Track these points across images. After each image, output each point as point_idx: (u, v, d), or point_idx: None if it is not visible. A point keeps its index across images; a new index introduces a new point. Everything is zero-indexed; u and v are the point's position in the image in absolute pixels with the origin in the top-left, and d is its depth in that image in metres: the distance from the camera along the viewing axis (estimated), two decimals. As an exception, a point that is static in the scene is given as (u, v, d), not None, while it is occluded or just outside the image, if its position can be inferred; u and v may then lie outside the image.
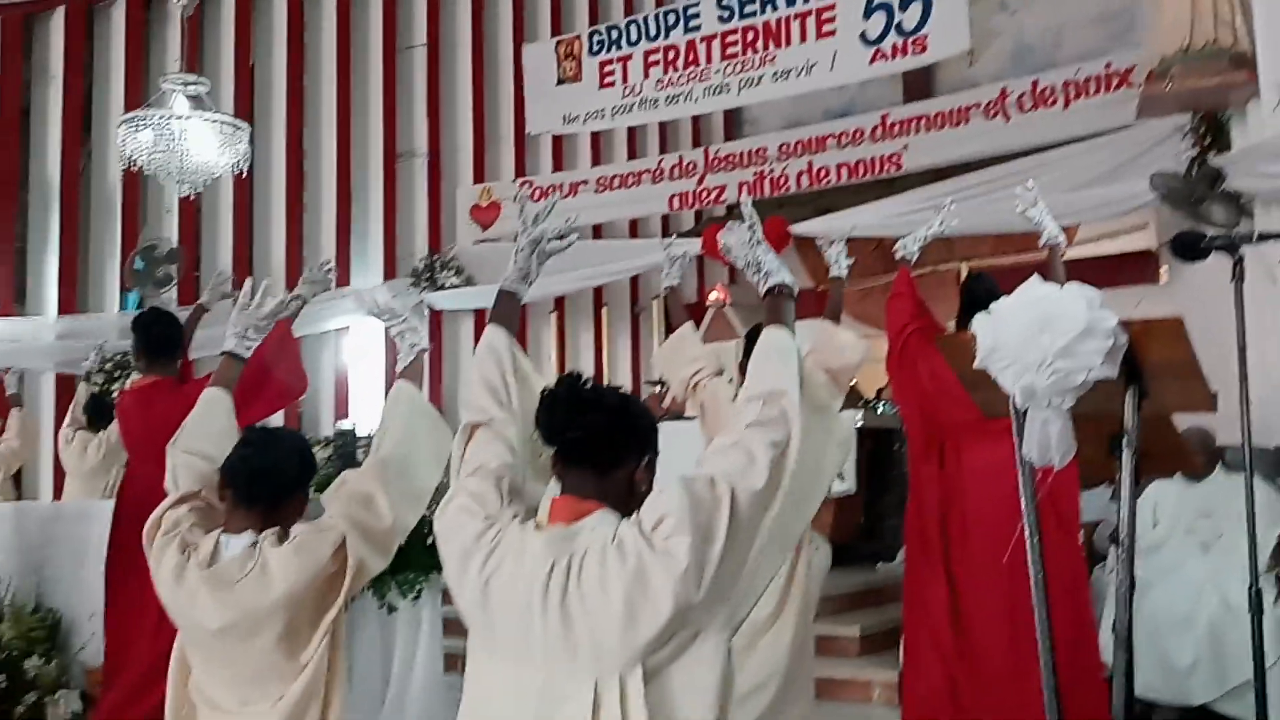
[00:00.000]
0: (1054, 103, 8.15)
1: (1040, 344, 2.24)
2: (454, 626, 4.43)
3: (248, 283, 3.54)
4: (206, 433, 3.16)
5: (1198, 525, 5.28)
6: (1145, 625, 4.74)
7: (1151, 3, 7.74)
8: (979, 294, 4.63)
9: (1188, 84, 6.34)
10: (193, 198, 7.02)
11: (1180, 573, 5.22)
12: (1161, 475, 5.17)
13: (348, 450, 4.98)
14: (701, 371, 4.27)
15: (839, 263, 4.70)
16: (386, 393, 3.28)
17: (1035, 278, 2.37)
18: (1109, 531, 5.47)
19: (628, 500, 2.11)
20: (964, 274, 8.65)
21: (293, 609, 2.77)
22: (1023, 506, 2.59)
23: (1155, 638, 5.01)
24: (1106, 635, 4.83)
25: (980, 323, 2.38)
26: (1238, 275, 2.42)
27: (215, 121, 6.30)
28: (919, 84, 10.97)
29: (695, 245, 9.74)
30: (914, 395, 4.85)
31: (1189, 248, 2.55)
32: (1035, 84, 8.30)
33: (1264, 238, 2.50)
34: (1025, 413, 2.44)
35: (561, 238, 2.59)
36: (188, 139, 6.06)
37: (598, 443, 2.12)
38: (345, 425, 5.35)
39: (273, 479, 2.89)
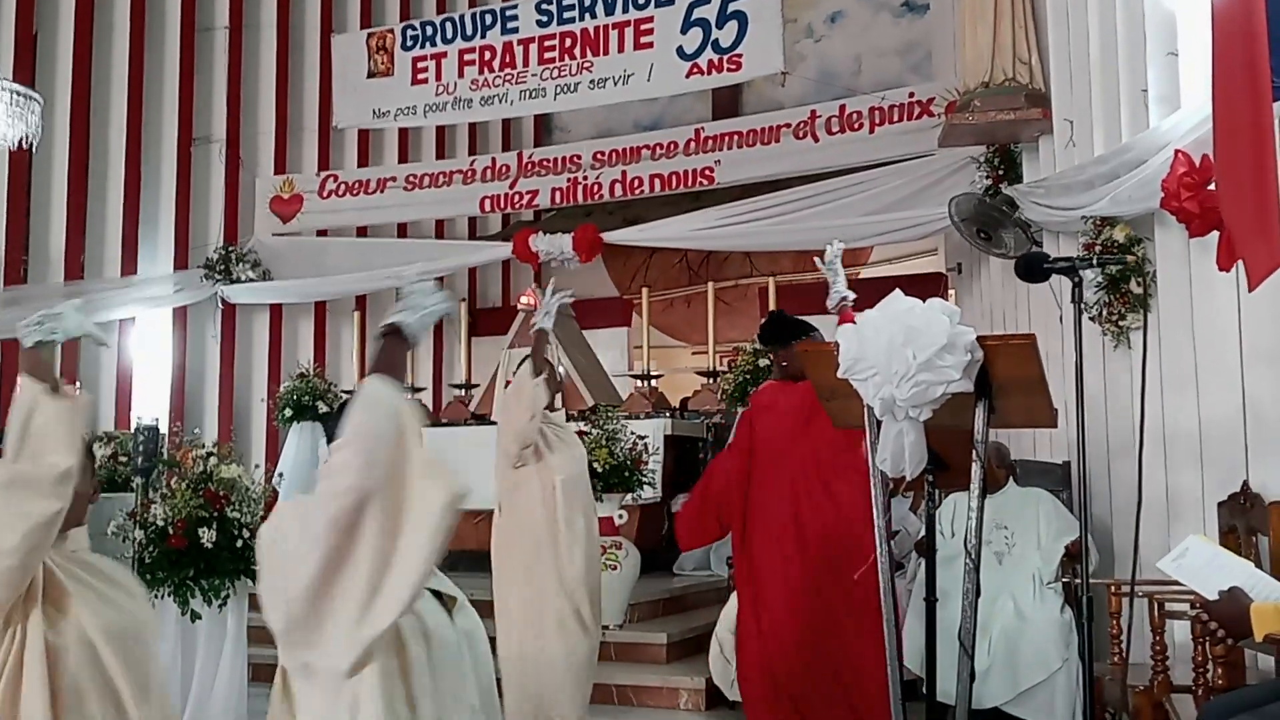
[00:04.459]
0: (860, 127, 8.45)
1: (904, 356, 2.29)
2: (259, 635, 4.20)
3: None
4: None
5: (993, 536, 5.51)
6: (943, 633, 4.94)
7: (951, 39, 8.15)
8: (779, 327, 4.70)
9: (987, 117, 6.69)
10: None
11: (976, 582, 5.45)
12: (959, 488, 5.40)
13: (150, 448, 4.67)
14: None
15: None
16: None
17: (897, 291, 2.42)
18: (912, 541, 5.67)
19: None
20: (770, 287, 8.87)
21: None
22: (875, 520, 2.63)
23: (952, 644, 5.20)
24: (907, 642, 5.01)
25: (845, 333, 2.42)
26: (1077, 297, 2.52)
27: (5, 90, 5.83)
28: (727, 102, 11.22)
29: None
30: None
31: (1032, 269, 2.65)
32: (843, 108, 8.59)
33: (1102, 263, 2.61)
34: (880, 424, 2.48)
35: None
36: (-28, 107, 5.61)
37: None
38: (148, 421, 5.02)
39: None
